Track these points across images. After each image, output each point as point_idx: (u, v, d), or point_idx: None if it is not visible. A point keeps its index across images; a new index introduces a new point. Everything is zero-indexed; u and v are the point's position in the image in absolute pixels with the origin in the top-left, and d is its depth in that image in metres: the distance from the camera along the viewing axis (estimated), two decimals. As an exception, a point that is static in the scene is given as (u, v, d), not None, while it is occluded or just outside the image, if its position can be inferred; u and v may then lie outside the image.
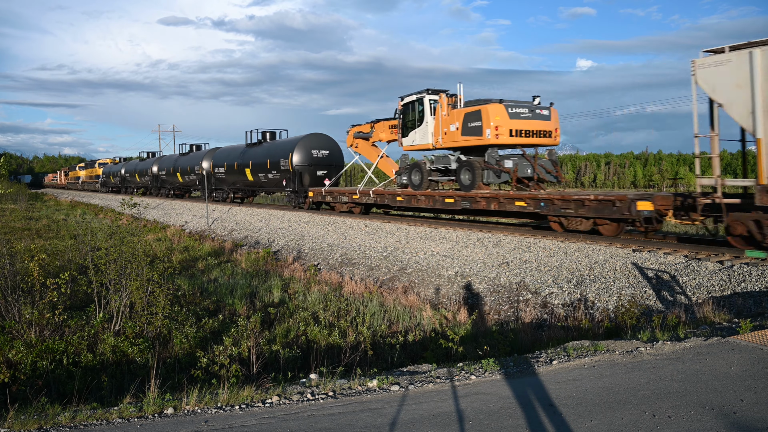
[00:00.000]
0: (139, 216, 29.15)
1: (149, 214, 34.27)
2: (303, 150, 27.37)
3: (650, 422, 4.34)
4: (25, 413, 5.27)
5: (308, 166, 27.31)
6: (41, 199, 59.20)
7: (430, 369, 6.31)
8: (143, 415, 4.93)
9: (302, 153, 27.30)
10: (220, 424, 4.62)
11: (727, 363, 5.60)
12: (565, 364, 5.95)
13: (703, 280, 10.23)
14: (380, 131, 22.84)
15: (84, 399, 6.34)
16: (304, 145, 27.47)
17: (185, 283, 13.31)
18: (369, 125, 23.41)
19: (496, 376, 5.71)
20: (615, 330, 8.79)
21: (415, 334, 9.39)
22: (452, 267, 13.97)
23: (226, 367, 6.89)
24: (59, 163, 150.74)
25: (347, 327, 9.75)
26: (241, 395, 5.31)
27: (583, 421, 4.42)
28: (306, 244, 19.20)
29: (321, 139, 28.33)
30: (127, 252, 9.61)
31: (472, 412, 4.72)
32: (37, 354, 7.49)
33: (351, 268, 15.80)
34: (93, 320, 9.04)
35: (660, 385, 5.12)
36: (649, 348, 6.30)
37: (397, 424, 4.53)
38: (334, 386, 5.49)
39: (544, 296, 11.43)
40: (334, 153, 28.27)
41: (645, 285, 10.66)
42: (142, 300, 9.19)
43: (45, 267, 9.48)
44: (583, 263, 12.20)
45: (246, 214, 27.85)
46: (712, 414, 4.43)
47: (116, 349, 8.13)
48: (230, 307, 11.84)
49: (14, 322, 8.41)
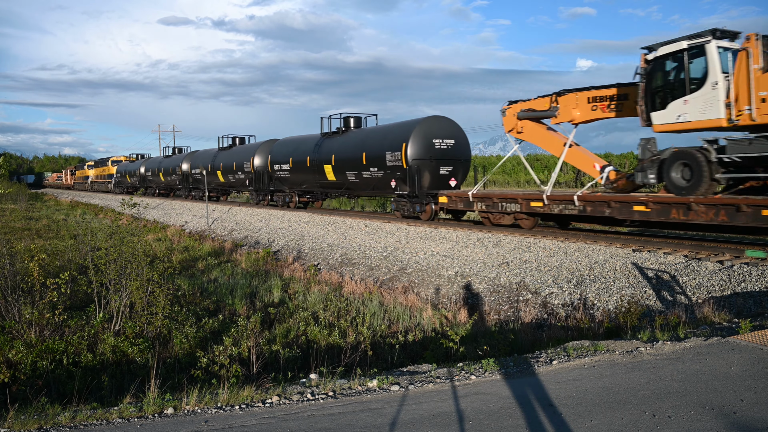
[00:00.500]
0: (139, 216, 29.15)
1: (149, 214, 34.28)
2: (420, 139, 19.71)
3: (650, 422, 4.34)
4: (25, 413, 5.27)
5: (428, 161, 19.62)
6: (41, 199, 59.19)
7: (430, 369, 6.31)
8: (143, 415, 4.93)
9: (419, 143, 19.67)
10: (220, 424, 4.62)
11: (727, 363, 5.60)
12: (565, 364, 5.95)
13: (703, 280, 10.23)
14: (571, 106, 15.34)
15: (84, 399, 6.34)
16: (422, 133, 19.82)
17: (185, 283, 13.31)
18: (548, 99, 15.85)
19: (496, 376, 5.71)
20: (615, 330, 8.79)
21: (415, 334, 9.39)
22: (452, 267, 13.97)
23: (226, 367, 6.89)
24: (59, 163, 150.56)
25: (347, 327, 9.75)
26: (241, 395, 5.31)
27: (583, 421, 4.42)
28: (306, 244, 19.20)
29: (444, 124, 20.57)
30: (127, 252, 9.61)
31: (472, 412, 4.72)
32: (37, 354, 7.49)
33: (351, 268, 15.80)
34: (93, 320, 9.04)
35: (660, 385, 5.12)
36: (649, 348, 6.30)
37: (397, 424, 4.53)
38: (334, 386, 5.49)
39: (544, 296, 11.44)
40: (460, 143, 20.66)
41: (645, 285, 10.66)
42: (142, 300, 9.19)
43: (45, 267, 9.47)
44: (583, 263, 12.20)
45: (246, 214, 27.85)
46: (712, 414, 4.43)
47: (116, 349, 8.13)
48: (230, 307, 11.84)
49: (14, 322, 8.41)
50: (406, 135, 19.84)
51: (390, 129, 21.70)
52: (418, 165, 19.56)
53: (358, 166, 22.05)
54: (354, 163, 22.31)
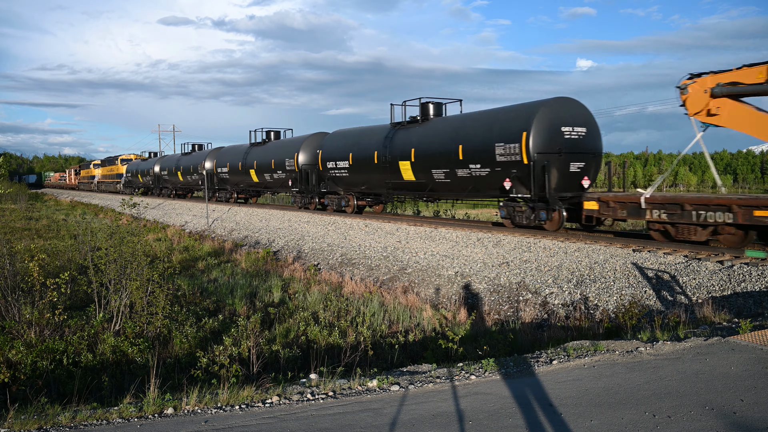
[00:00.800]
0: (139, 216, 29.15)
1: (149, 214, 34.28)
2: (545, 125, 15.30)
3: (650, 422, 4.34)
4: (25, 413, 5.27)
5: (557, 155, 15.24)
6: (41, 199, 59.19)
7: (430, 369, 6.31)
8: (143, 415, 4.93)
9: (544, 131, 15.23)
10: (220, 424, 4.62)
11: (727, 363, 5.60)
12: (565, 364, 5.95)
13: (703, 280, 10.23)
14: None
15: (84, 399, 6.34)
16: (548, 117, 15.39)
17: (185, 283, 13.31)
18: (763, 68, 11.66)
19: (496, 376, 5.71)
20: (615, 330, 8.79)
21: (415, 334, 9.40)
22: (452, 267, 13.97)
23: (226, 367, 6.88)
24: (59, 163, 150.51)
25: (347, 327, 9.75)
26: (241, 395, 5.31)
27: (583, 421, 4.42)
28: (306, 244, 19.21)
29: (573, 107, 16.10)
30: (127, 252, 9.61)
31: (472, 412, 4.72)
32: (37, 354, 7.49)
33: (351, 268, 15.80)
34: (93, 320, 9.04)
35: (660, 385, 5.12)
36: (649, 348, 6.30)
37: (397, 424, 4.53)
38: (334, 386, 5.49)
39: (544, 296, 11.43)
40: (592, 133, 16.17)
41: (645, 285, 10.66)
42: (142, 300, 9.19)
43: (45, 267, 9.48)
44: (583, 263, 12.20)
45: (246, 214, 27.85)
46: (712, 414, 4.43)
47: (116, 349, 8.13)
48: (230, 307, 11.84)
49: (14, 322, 8.41)
50: (527, 122, 15.28)
51: (499, 115, 16.89)
52: (546, 160, 15.18)
53: (451, 162, 17.52)
54: (444, 158, 17.84)
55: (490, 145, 16.22)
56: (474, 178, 17.06)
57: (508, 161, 15.78)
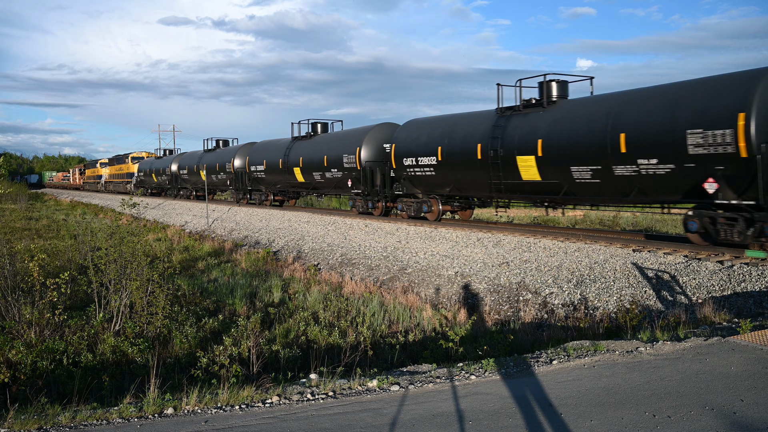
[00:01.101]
0: (139, 216, 29.17)
1: (149, 214, 34.29)
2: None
3: (650, 422, 4.34)
4: (25, 413, 5.27)
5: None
6: (41, 199, 59.22)
7: (430, 369, 6.31)
8: (143, 415, 4.93)
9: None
10: (220, 424, 4.62)
11: (727, 363, 5.60)
12: (565, 364, 5.95)
13: (703, 280, 10.23)
14: None
15: (84, 399, 6.35)
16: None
17: (185, 283, 13.31)
18: None
19: (496, 376, 5.71)
20: (615, 330, 8.79)
21: (415, 334, 9.40)
22: (452, 267, 13.97)
23: (226, 367, 6.89)
24: (59, 163, 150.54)
25: (347, 327, 9.76)
26: (241, 395, 5.31)
27: (583, 421, 4.42)
28: (306, 244, 19.21)
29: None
30: (127, 252, 9.62)
31: (472, 412, 4.72)
32: (37, 354, 7.50)
33: (351, 268, 15.80)
34: (93, 320, 9.04)
35: (660, 385, 5.12)
36: (649, 348, 6.30)
37: (397, 424, 4.53)
38: (334, 386, 5.49)
39: (544, 296, 11.44)
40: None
41: (645, 285, 10.66)
42: (142, 300, 9.19)
43: (45, 267, 9.48)
44: (583, 263, 12.20)
45: (246, 214, 27.86)
46: (712, 414, 4.43)
47: (116, 349, 8.14)
48: (230, 307, 11.84)
49: (14, 322, 8.42)
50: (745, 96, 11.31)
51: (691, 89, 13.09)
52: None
53: (605, 156, 14.12)
54: (593, 152, 14.47)
55: (678, 133, 12.01)
56: (643, 178, 12.93)
57: (710, 154, 11.47)
